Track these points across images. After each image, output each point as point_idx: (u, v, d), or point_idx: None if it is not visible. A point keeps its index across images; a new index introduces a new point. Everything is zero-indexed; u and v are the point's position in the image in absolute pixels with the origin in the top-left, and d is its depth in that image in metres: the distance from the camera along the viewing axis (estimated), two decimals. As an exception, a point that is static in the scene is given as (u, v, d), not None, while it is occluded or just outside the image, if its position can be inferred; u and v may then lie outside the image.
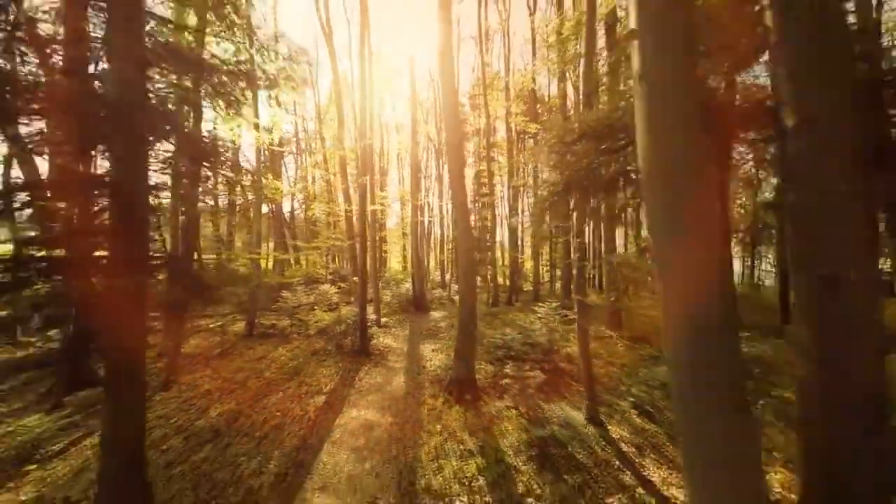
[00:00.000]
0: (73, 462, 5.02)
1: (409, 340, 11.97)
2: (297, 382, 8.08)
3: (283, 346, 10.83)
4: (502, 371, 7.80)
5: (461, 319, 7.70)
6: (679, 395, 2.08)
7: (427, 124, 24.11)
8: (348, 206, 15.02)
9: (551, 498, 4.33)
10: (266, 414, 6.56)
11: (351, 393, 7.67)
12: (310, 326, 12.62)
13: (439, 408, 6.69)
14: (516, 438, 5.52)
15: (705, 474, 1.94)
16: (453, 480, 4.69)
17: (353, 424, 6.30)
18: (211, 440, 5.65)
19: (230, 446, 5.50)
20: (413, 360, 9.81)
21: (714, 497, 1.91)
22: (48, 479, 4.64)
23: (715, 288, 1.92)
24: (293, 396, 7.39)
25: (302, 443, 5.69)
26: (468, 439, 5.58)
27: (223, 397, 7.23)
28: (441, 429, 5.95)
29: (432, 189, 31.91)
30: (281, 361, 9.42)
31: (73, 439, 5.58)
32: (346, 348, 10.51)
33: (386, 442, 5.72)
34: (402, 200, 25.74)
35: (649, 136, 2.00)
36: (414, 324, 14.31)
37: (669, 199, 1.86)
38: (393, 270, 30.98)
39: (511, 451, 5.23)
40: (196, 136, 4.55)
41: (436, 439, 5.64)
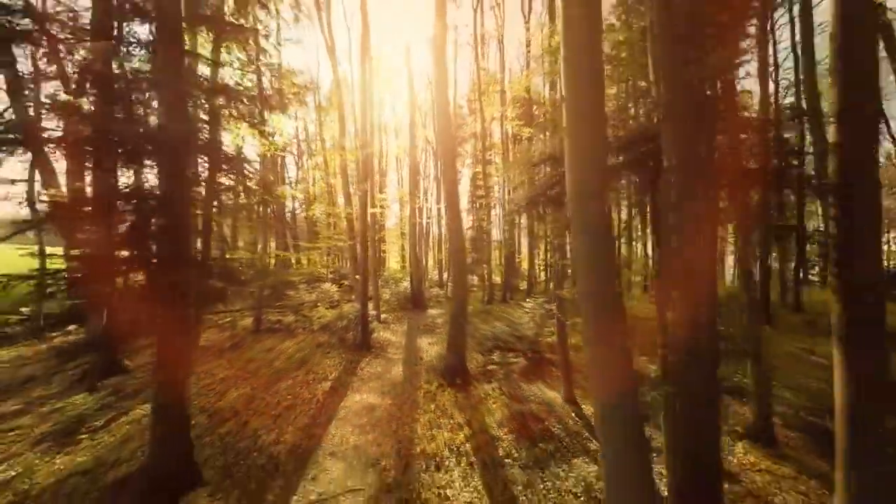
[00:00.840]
0: (115, 434, 5.87)
1: (407, 335, 12.81)
2: (305, 371, 8.93)
3: (289, 339, 11.68)
4: (491, 359, 8.67)
5: (453, 314, 8.57)
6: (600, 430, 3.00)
7: (426, 128, 24.91)
8: (349, 209, 15.85)
9: (526, 460, 5.20)
10: (278, 397, 7.41)
11: (354, 380, 8.52)
12: (313, 322, 13.48)
13: (433, 391, 7.55)
14: (500, 414, 6.39)
15: (616, 476, 2.87)
16: (444, 447, 5.55)
17: (356, 406, 7.15)
18: (231, 418, 6.50)
19: (249, 423, 6.35)
20: (411, 353, 10.66)
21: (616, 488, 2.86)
22: (98, 446, 5.48)
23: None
24: (301, 383, 8.24)
25: (312, 420, 6.54)
26: (458, 415, 6.45)
27: (238, 383, 8.07)
28: (434, 408, 6.82)
29: (430, 189, 32.75)
30: (288, 353, 10.27)
31: (112, 416, 6.43)
32: (348, 342, 11.36)
33: (386, 419, 6.57)
34: (400, 202, 26.54)
35: (567, 159, 2.84)
36: (412, 320, 15.16)
37: (578, 217, 2.69)
38: (392, 269, 31.82)
39: (495, 425, 6.10)
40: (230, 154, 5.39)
41: (429, 416, 6.51)
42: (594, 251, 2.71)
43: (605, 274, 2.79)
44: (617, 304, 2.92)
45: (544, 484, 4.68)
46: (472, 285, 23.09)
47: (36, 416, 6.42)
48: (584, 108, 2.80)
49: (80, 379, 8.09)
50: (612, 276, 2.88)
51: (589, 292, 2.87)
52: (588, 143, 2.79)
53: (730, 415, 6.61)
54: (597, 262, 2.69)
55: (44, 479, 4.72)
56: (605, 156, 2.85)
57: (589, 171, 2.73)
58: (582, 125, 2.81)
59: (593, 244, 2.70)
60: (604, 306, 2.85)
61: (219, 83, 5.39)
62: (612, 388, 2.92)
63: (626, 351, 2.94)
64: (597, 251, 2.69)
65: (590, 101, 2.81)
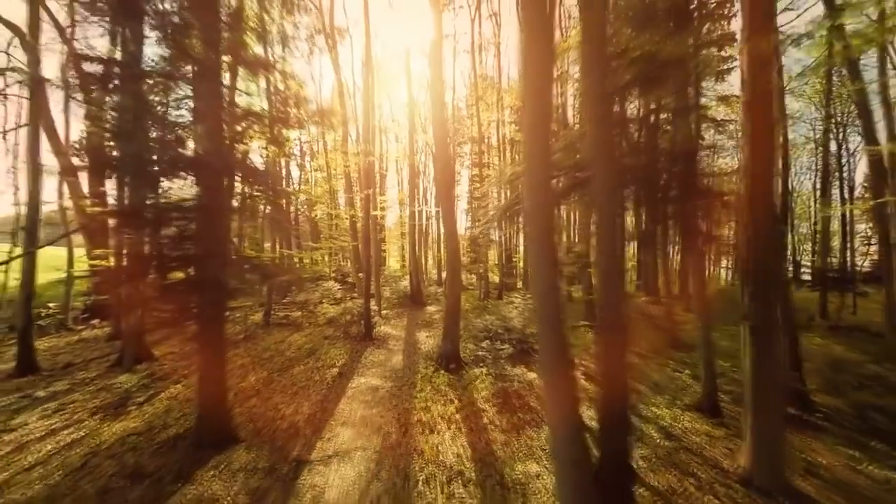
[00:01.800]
0: (157, 406, 6.96)
1: (406, 329, 13.90)
2: (314, 359, 10.03)
3: (297, 332, 12.78)
4: (482, 347, 9.77)
5: (448, 307, 9.67)
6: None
7: (425, 133, 25.95)
8: (352, 211, 16.92)
9: (506, 426, 6.29)
10: (293, 380, 8.50)
11: (359, 367, 9.61)
12: (319, 317, 14.58)
13: (430, 375, 8.64)
14: (487, 392, 7.49)
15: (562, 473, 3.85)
16: (437, 417, 6.64)
17: (362, 387, 8.24)
18: (255, 396, 7.59)
19: (270, 399, 7.44)
20: (410, 344, 11.75)
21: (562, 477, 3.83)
22: (146, 416, 6.58)
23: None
24: (312, 369, 9.33)
25: (324, 398, 7.63)
26: (450, 392, 7.54)
27: (256, 369, 9.16)
28: (430, 388, 7.91)
29: (430, 189, 33.75)
30: (298, 344, 11.37)
31: (151, 393, 7.53)
32: (352, 335, 12.45)
33: (388, 397, 7.66)
34: (400, 204, 27.59)
35: (524, 181, 3.91)
36: (411, 316, 16.25)
37: (530, 228, 3.75)
38: (391, 268, 32.90)
39: (481, 400, 7.19)
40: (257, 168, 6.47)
41: (426, 394, 7.60)
42: (541, 256, 3.77)
43: (549, 277, 3.84)
44: (561, 321, 3.90)
45: (519, 443, 5.77)
46: (469, 283, 24.19)
47: (86, 393, 7.52)
48: (537, 144, 3.87)
49: (114, 365, 9.19)
50: (556, 278, 3.93)
51: (538, 292, 3.92)
52: (538, 168, 3.85)
53: (688, 393, 7.71)
54: (542, 266, 3.74)
55: (108, 438, 5.81)
56: (550, 179, 3.92)
57: (539, 193, 3.80)
58: (535, 156, 3.87)
59: (540, 250, 3.77)
60: (549, 315, 3.83)
61: (247, 108, 6.46)
62: (560, 415, 3.84)
63: (572, 381, 3.93)
64: (543, 255, 3.75)
65: (540, 139, 3.88)
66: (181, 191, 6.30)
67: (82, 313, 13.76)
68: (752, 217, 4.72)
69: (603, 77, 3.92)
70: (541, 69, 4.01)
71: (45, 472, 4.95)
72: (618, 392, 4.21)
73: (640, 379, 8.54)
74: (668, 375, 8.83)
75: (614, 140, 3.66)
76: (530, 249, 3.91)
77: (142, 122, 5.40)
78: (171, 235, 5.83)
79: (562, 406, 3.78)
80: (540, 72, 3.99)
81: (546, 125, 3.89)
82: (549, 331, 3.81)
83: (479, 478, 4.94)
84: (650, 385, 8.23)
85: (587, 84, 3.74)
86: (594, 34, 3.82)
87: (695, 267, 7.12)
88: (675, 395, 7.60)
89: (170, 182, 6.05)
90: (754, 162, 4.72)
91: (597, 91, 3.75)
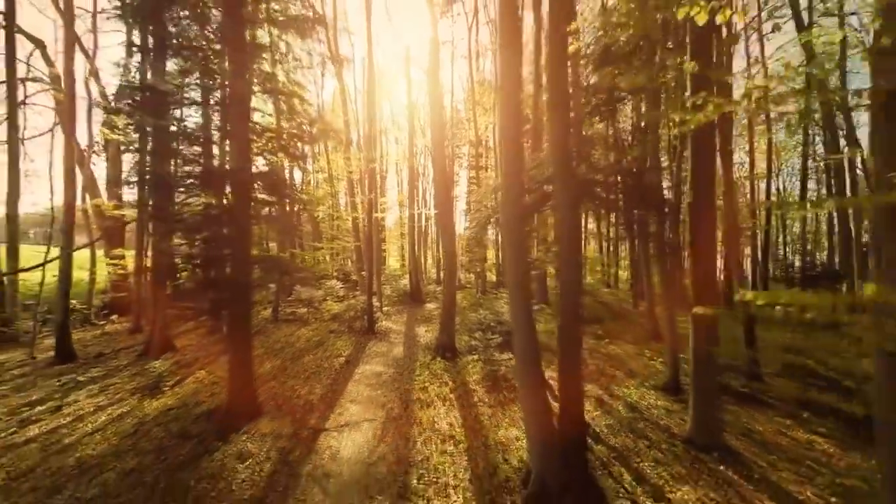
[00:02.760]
0: (187, 388, 8.02)
1: (406, 324, 14.95)
2: (322, 350, 11.08)
3: (304, 327, 13.82)
4: (475, 337, 10.83)
5: (444, 304, 10.73)
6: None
7: (424, 136, 26.99)
8: (354, 213, 17.97)
9: (493, 402, 7.34)
10: (305, 367, 9.55)
11: (363, 356, 10.66)
12: (324, 313, 15.63)
13: (427, 362, 9.71)
14: (477, 375, 8.55)
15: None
16: (434, 395, 7.70)
17: (367, 373, 9.29)
18: (272, 379, 8.64)
19: (286, 382, 8.49)
20: (410, 337, 12.80)
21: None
22: (178, 395, 7.63)
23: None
24: (321, 358, 10.38)
25: (333, 381, 8.68)
26: (445, 376, 8.61)
27: (270, 358, 10.21)
28: (427, 373, 8.97)
29: (429, 190, 34.77)
30: (306, 337, 12.43)
31: (180, 378, 8.58)
32: (356, 329, 13.50)
33: (390, 380, 8.72)
34: (400, 205, 28.60)
35: (501, 195, 4.95)
36: (411, 312, 17.29)
37: (506, 236, 4.77)
38: (391, 268, 33.94)
39: (472, 382, 8.26)
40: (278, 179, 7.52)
41: (424, 377, 8.66)
42: (515, 258, 4.81)
43: (521, 275, 4.88)
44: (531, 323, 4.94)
45: (503, 415, 6.82)
46: (468, 282, 25.25)
47: (122, 377, 8.58)
48: (511, 166, 4.92)
49: (141, 354, 10.25)
50: (527, 277, 4.97)
51: (511, 286, 4.95)
52: (513, 185, 4.90)
53: (657, 377, 8.76)
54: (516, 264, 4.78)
55: (150, 412, 6.87)
56: (523, 195, 4.96)
57: (513, 206, 4.85)
58: (510, 174, 4.92)
59: (515, 253, 4.81)
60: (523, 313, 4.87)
61: (267, 126, 7.51)
62: (528, 381, 4.86)
63: (536, 354, 4.96)
64: (517, 258, 4.79)
65: (514, 161, 4.93)
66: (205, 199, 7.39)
67: (101, 309, 14.82)
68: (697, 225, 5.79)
69: (565, 110, 4.96)
70: (514, 110, 5.06)
71: (105, 436, 6.01)
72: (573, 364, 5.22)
73: (619, 366, 9.61)
74: (643, 363, 9.87)
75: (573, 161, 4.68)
76: (506, 253, 4.96)
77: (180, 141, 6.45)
78: (206, 238, 6.88)
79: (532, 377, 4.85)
80: (513, 110, 5.04)
81: (519, 150, 4.94)
82: (521, 319, 4.87)
83: (468, 440, 6.00)
84: (626, 371, 9.28)
85: (552, 116, 4.78)
86: (559, 80, 4.86)
87: (660, 266, 8.13)
88: (645, 378, 8.65)
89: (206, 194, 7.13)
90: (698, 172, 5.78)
91: (560, 121, 4.78)
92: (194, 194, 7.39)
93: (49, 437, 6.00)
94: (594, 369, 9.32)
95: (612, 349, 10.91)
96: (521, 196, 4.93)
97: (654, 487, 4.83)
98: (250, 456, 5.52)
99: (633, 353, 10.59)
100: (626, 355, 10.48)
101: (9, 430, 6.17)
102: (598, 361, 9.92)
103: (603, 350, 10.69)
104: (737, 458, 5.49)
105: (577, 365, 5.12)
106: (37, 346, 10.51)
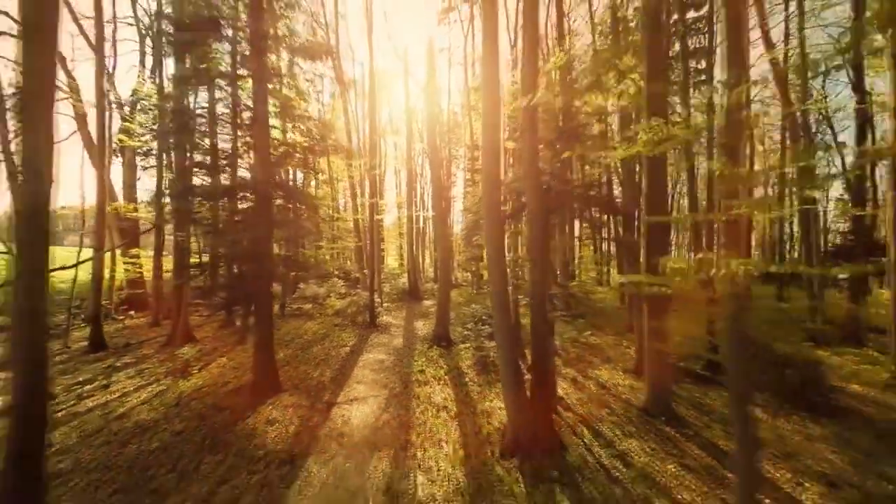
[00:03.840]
0: (213, 372, 9.19)
1: (405, 319, 16.15)
2: (329, 341, 12.27)
3: (310, 321, 15.01)
4: (468, 329, 12.04)
5: (440, 299, 11.94)
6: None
7: (422, 141, 28.14)
8: (356, 215, 19.16)
9: (481, 382, 8.54)
10: (314, 355, 10.74)
11: (366, 346, 11.85)
12: (327, 309, 16.81)
13: (425, 350, 10.91)
14: (469, 360, 9.76)
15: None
16: (431, 377, 8.90)
17: (370, 360, 10.48)
18: (287, 365, 9.81)
19: (299, 367, 9.67)
20: (408, 330, 14.00)
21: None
22: (206, 376, 8.81)
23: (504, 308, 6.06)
24: (328, 348, 11.57)
25: (341, 367, 9.87)
26: (440, 361, 9.81)
27: (282, 348, 11.36)
28: (424, 359, 10.17)
29: (427, 190, 35.95)
30: (313, 330, 13.61)
31: (203, 364, 9.75)
32: (358, 323, 14.69)
33: (392, 366, 9.91)
34: (398, 207, 29.76)
35: (482, 203, 6.13)
36: (409, 309, 18.49)
37: (488, 239, 5.95)
38: (390, 266, 35.12)
39: (464, 365, 9.46)
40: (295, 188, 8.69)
41: (421, 362, 9.86)
42: (495, 259, 6.00)
43: (500, 275, 6.07)
44: (507, 313, 6.14)
45: (489, 391, 8.02)
46: (464, 280, 26.45)
47: (153, 363, 9.75)
48: (490, 181, 6.11)
49: (164, 345, 11.42)
50: (505, 275, 6.14)
51: (493, 281, 6.15)
52: (491, 191, 6.08)
53: (629, 362, 9.95)
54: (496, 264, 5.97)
55: (185, 389, 8.04)
56: (500, 206, 6.15)
57: (493, 212, 6.03)
58: (489, 186, 6.10)
59: (494, 254, 5.99)
60: (502, 306, 6.07)
61: (283, 140, 8.69)
62: (507, 359, 6.07)
63: (514, 332, 6.16)
64: (497, 258, 5.98)
65: (492, 176, 6.11)
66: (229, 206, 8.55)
67: (119, 305, 15.97)
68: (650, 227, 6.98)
69: (535, 134, 6.16)
70: (493, 131, 6.26)
71: (152, 407, 7.20)
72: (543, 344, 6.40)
73: (597, 354, 10.82)
74: (619, 351, 11.08)
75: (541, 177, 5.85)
76: (488, 255, 6.16)
77: (215, 157, 7.63)
78: (234, 240, 8.06)
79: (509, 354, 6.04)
80: (492, 132, 6.23)
81: (496, 167, 6.14)
82: (500, 307, 6.06)
83: (458, 409, 7.20)
84: (602, 357, 10.48)
85: (524, 140, 5.97)
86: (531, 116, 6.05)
87: (618, 261, 9.30)
88: (617, 363, 9.86)
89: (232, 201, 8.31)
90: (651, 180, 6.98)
91: (530, 145, 5.96)
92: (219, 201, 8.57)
93: (104, 408, 7.18)
94: (574, 356, 10.55)
95: (592, 339, 12.13)
96: (498, 205, 6.12)
97: (607, 440, 6.04)
98: (277, 421, 6.71)
99: (611, 343, 11.80)
100: (605, 345, 11.69)
101: (69, 403, 7.34)
102: (579, 350, 11.15)
103: (583, 340, 11.91)
104: (681, 421, 6.70)
105: (546, 345, 6.31)
106: (69, 338, 11.68)
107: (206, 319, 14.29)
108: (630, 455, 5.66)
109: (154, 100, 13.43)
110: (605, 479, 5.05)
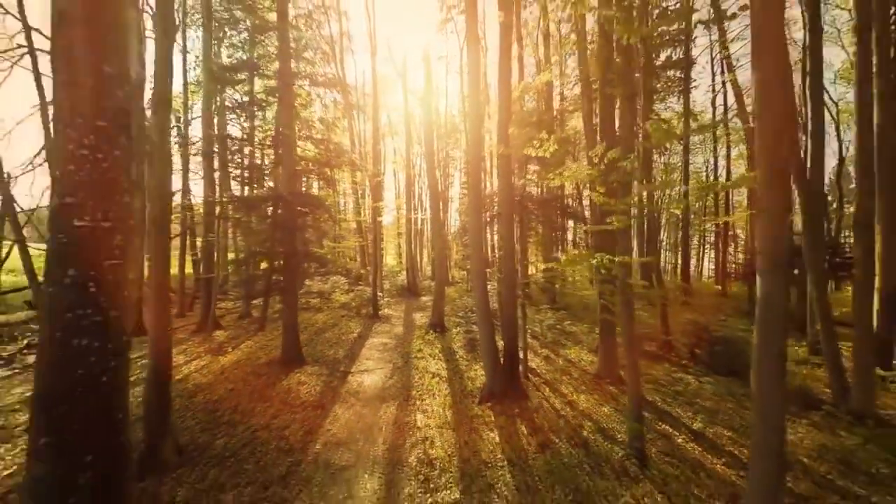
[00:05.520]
0: (244, 351, 11.13)
1: (405, 312, 18.12)
2: (338, 329, 14.22)
3: (319, 313, 16.96)
4: (459, 317, 14.03)
5: (436, 292, 13.90)
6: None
7: (420, 146, 30.06)
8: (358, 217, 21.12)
9: (469, 358, 10.53)
10: (326, 339, 12.70)
11: (371, 333, 13.81)
12: (333, 302, 18.76)
13: (422, 335, 12.89)
14: (460, 342, 11.74)
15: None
16: (427, 354, 10.88)
17: (375, 343, 12.45)
18: (306, 345, 11.73)
19: (315, 348, 11.63)
20: (408, 321, 15.97)
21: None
22: (240, 354, 10.75)
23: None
24: (338, 334, 13.52)
25: (351, 348, 11.83)
26: (436, 342, 11.79)
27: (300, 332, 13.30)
28: (422, 341, 12.15)
29: (425, 192, 37.89)
30: (322, 320, 15.57)
31: (234, 345, 11.69)
32: (363, 314, 16.65)
33: (394, 347, 11.88)
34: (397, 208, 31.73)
35: (467, 208, 8.09)
36: (408, 304, 20.46)
37: (471, 240, 7.84)
38: (388, 265, 37.08)
39: (456, 346, 11.45)
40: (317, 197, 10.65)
41: (419, 344, 11.84)
42: (477, 259, 7.94)
43: (481, 270, 8.02)
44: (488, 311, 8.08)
45: (476, 364, 10.00)
46: (461, 278, 28.43)
47: (190, 345, 11.68)
48: (473, 192, 8.07)
49: (195, 331, 13.35)
50: (484, 272, 8.12)
51: (474, 276, 8.10)
52: (475, 202, 8.04)
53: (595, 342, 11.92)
54: (477, 262, 7.91)
55: (224, 363, 9.98)
56: (482, 213, 8.10)
57: (475, 220, 7.99)
58: (473, 195, 8.06)
59: (476, 254, 7.93)
60: (482, 301, 8.02)
61: (303, 155, 10.64)
62: (484, 334, 8.06)
63: (490, 318, 8.11)
64: (478, 257, 7.92)
65: (475, 188, 8.07)
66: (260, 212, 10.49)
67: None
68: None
69: (508, 159, 8.12)
70: (476, 148, 8.22)
71: (202, 374, 9.14)
72: (510, 321, 8.37)
73: (571, 339, 12.80)
74: (591, 337, 13.03)
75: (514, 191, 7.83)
76: (471, 255, 8.11)
77: (252, 172, 9.57)
78: (265, 239, 10.01)
79: (487, 330, 8.00)
80: (475, 149, 8.19)
81: (479, 179, 8.10)
82: (480, 295, 8.04)
83: (448, 376, 9.18)
84: (575, 341, 12.47)
85: (500, 163, 7.93)
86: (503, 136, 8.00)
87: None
88: (586, 346, 11.85)
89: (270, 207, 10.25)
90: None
91: (504, 166, 7.92)
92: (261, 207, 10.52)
93: (165, 374, 9.09)
94: (551, 340, 12.54)
95: (569, 328, 14.12)
96: (480, 211, 8.09)
97: (562, 395, 8.02)
98: (305, 384, 8.67)
99: (585, 331, 13.78)
100: (580, 332, 13.67)
101: (135, 371, 9.27)
102: (557, 336, 13.13)
103: (560, 328, 13.91)
104: (624, 384, 8.67)
105: (513, 321, 8.29)
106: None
107: (225, 311, 16.22)
108: (577, 404, 7.64)
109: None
110: (554, 416, 7.03)
